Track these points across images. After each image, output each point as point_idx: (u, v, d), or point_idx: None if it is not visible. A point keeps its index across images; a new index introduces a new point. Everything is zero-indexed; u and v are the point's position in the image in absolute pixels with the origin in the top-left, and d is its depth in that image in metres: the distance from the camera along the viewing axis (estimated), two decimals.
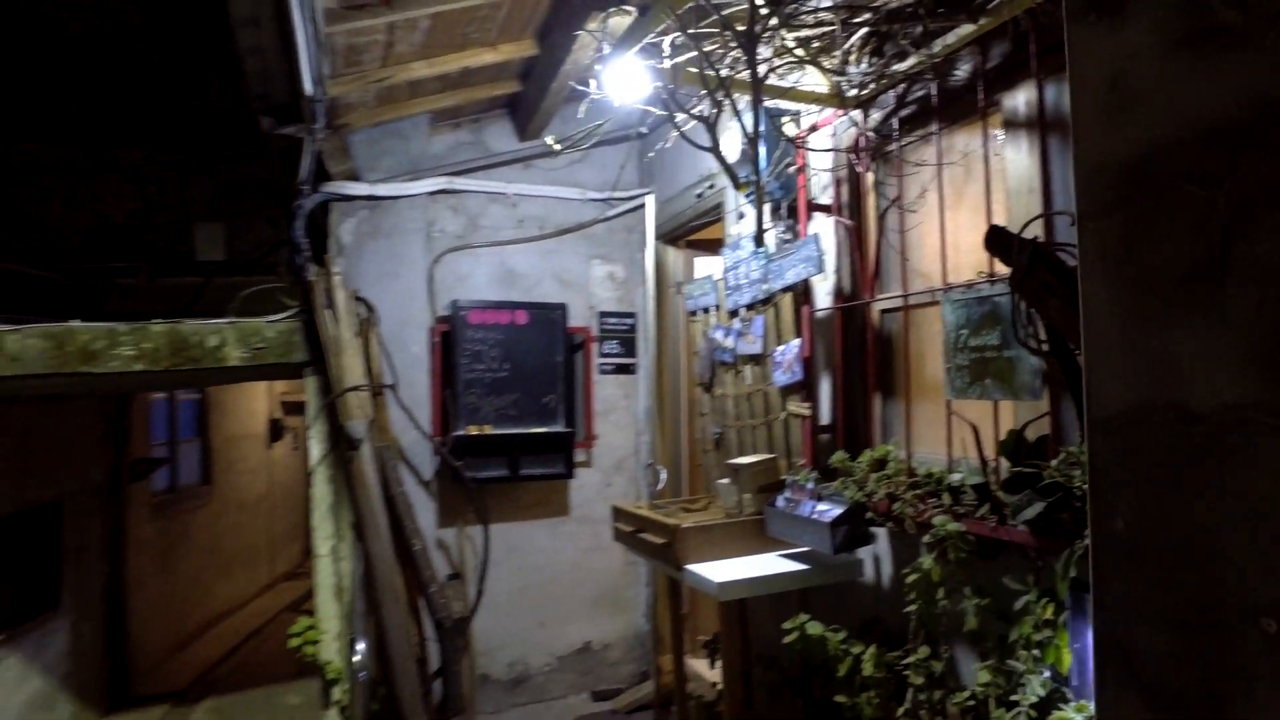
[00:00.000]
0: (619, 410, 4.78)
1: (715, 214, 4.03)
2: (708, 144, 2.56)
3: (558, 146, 3.14)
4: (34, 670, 5.34)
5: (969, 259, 2.43)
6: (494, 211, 4.53)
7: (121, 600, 6.67)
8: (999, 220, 2.27)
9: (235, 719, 6.32)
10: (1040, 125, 2.19)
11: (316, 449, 4.12)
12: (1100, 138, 0.96)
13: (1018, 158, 2.33)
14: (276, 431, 10.51)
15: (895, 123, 2.70)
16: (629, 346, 4.79)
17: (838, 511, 2.55)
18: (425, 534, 4.14)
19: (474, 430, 4.27)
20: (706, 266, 4.66)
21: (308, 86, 3.20)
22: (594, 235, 4.73)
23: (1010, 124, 2.36)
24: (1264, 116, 0.76)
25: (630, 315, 4.80)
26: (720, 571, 2.71)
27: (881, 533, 2.75)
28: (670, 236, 4.64)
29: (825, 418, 3.02)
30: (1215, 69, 0.82)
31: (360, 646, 2.23)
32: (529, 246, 4.60)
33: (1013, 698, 2.10)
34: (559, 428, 4.42)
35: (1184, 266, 0.83)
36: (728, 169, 2.58)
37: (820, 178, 3.07)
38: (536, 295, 4.59)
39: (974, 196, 2.50)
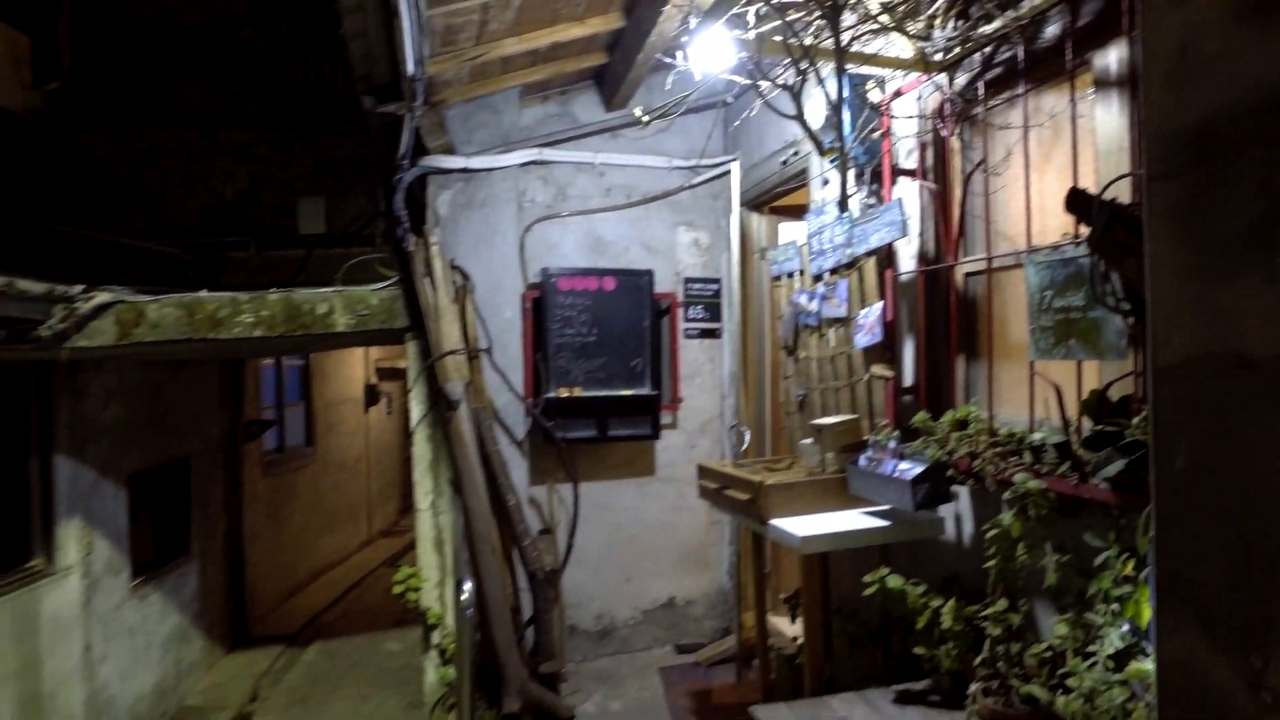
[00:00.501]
0: (703, 374, 4.93)
1: (800, 180, 4.10)
2: (792, 112, 2.65)
3: (646, 118, 3.27)
4: (173, 607, 5.93)
5: (1054, 221, 2.46)
6: (582, 181, 4.71)
7: (240, 550, 7.28)
8: (1087, 181, 2.30)
9: (341, 661, 6.85)
10: (1131, 83, 2.20)
11: (417, 410, 4.44)
12: (1169, 104, 1.04)
13: (1108, 117, 2.34)
14: (372, 396, 11.10)
15: (980, 86, 2.73)
16: (714, 312, 4.93)
17: (919, 469, 2.64)
18: (518, 491, 4.41)
19: (564, 392, 4.50)
20: (790, 232, 4.73)
21: (410, 66, 3.43)
22: (679, 202, 4.86)
23: (1101, 83, 2.37)
24: None
25: (715, 281, 4.92)
26: (803, 526, 2.85)
27: (962, 491, 2.83)
28: (754, 203, 4.73)
29: (908, 379, 3.10)
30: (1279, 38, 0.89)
31: (467, 585, 2.48)
32: (616, 214, 4.77)
33: (1090, 649, 2.18)
34: (645, 390, 4.61)
35: (1246, 226, 0.92)
36: (812, 136, 2.67)
37: (904, 142, 3.11)
38: (623, 262, 4.76)
39: (1060, 158, 2.52)
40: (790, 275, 3.83)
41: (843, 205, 2.72)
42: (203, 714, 5.86)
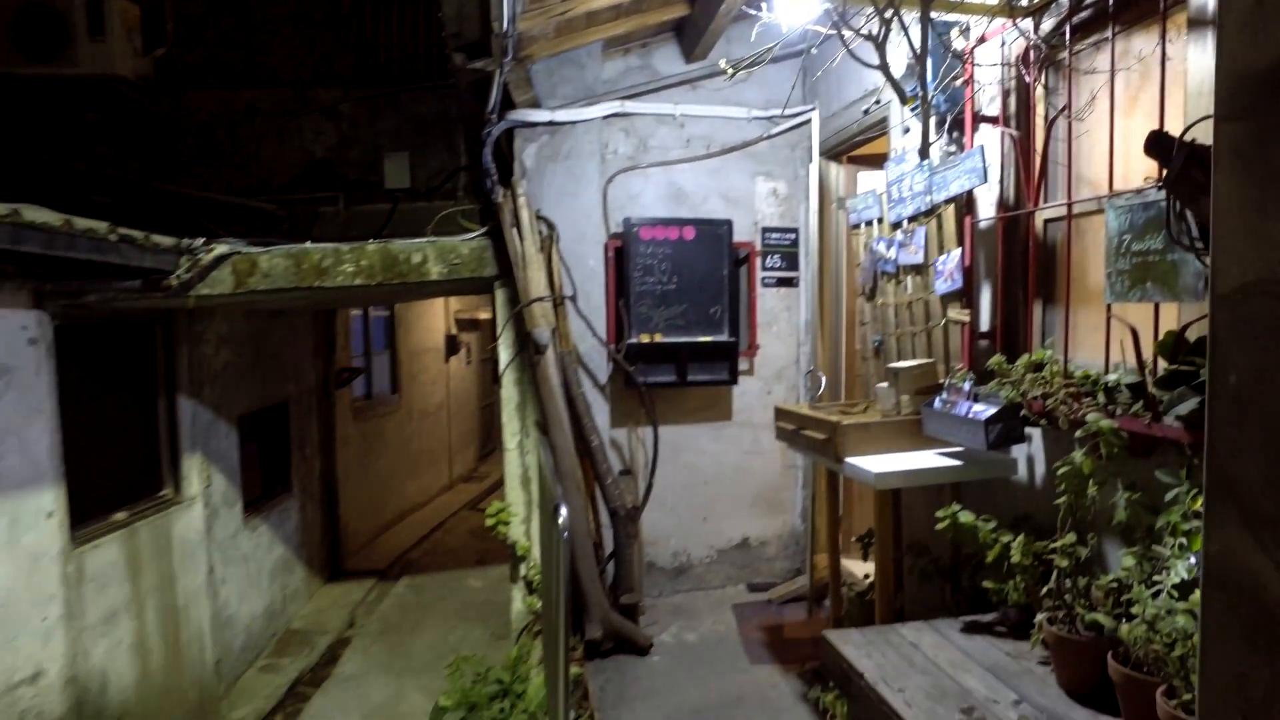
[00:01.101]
0: (780, 322, 5.07)
1: (880, 129, 4.16)
2: (875, 61, 2.74)
3: (730, 70, 3.39)
4: (278, 539, 6.47)
5: (1136, 166, 2.51)
6: (662, 133, 4.85)
7: (334, 490, 7.82)
8: (1176, 124, 2.35)
9: (428, 595, 7.36)
10: None
11: (505, 354, 4.72)
12: (1242, 48, 1.15)
13: (1201, 58, 2.37)
14: (452, 347, 11.56)
15: (1067, 30, 2.76)
16: (790, 261, 5.04)
17: (993, 410, 2.77)
18: (601, 432, 4.67)
19: (645, 338, 4.71)
20: (868, 181, 4.79)
21: (503, 23, 3.62)
22: (758, 153, 4.96)
23: (1195, 23, 2.39)
24: None
25: (793, 230, 5.03)
26: (877, 464, 3.01)
27: (1035, 433, 2.94)
28: (833, 152, 4.79)
29: (985, 324, 3.20)
30: None
31: (563, 510, 2.73)
32: (695, 165, 4.90)
33: (1155, 580, 2.30)
34: (723, 337, 4.79)
35: None
36: (895, 85, 2.77)
37: (987, 90, 3.16)
38: (703, 212, 4.91)
39: (1147, 102, 2.56)
40: (869, 223, 3.92)
41: (923, 153, 2.81)
42: (306, 636, 6.42)
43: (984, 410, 2.80)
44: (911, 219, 3.45)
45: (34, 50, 6.36)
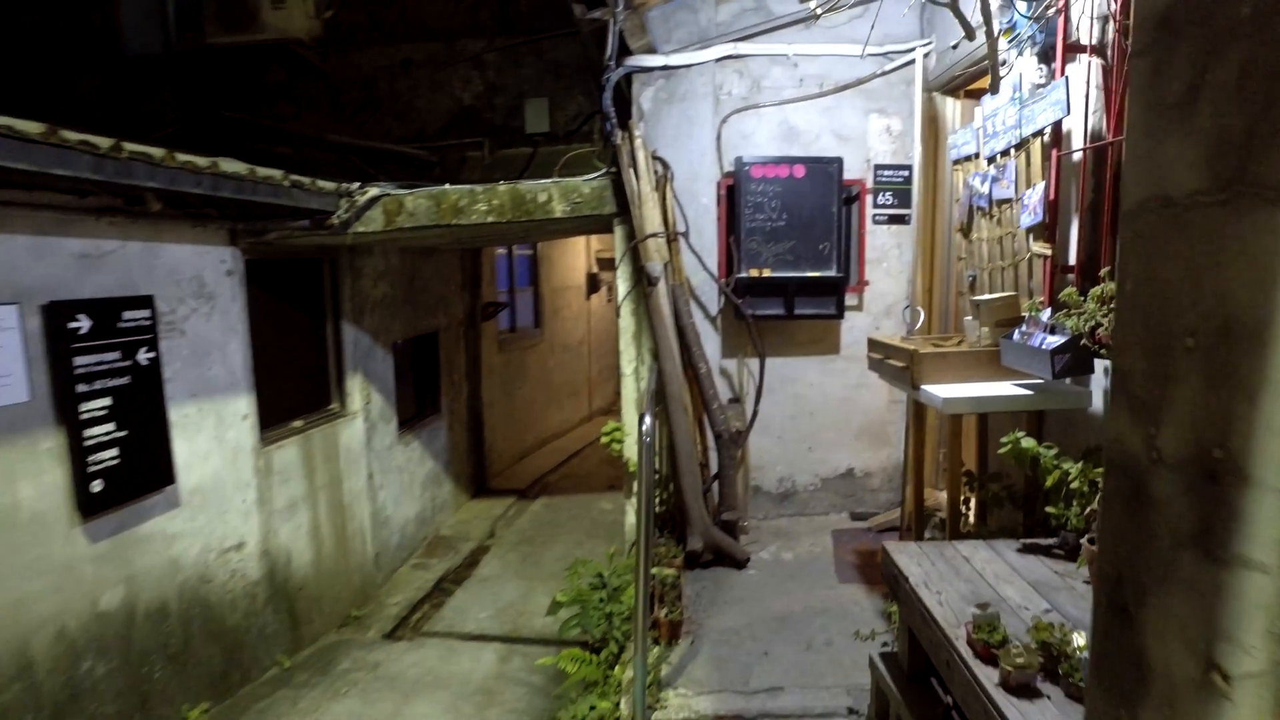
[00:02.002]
0: (891, 259, 5.17)
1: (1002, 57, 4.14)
2: None
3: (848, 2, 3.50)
4: (428, 455, 7.32)
5: None
6: (775, 72, 5.01)
7: (479, 414, 8.64)
8: None
9: (562, 514, 8.06)
10: None
11: (623, 286, 5.14)
12: None
13: None
14: (593, 284, 12.17)
15: None
16: (903, 198, 5.10)
17: (1061, 341, 2.88)
18: (710, 361, 5.01)
19: (754, 273, 4.98)
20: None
21: None
22: (872, 90, 5.02)
23: None
24: None
25: (905, 167, 5.08)
26: (950, 392, 3.19)
27: (1106, 365, 3.01)
28: (948, 87, 4.78)
29: (1071, 259, 3.25)
30: None
31: (647, 419, 3.12)
32: (808, 104, 5.04)
33: None
34: (831, 273, 4.97)
35: (1177, 93, 1.23)
36: (961, 19, 2.86)
37: (1083, 20, 3.15)
38: (814, 150, 5.05)
39: None
40: (968, 158, 3.96)
41: (994, 87, 2.87)
42: (452, 542, 7.28)
43: (1054, 341, 2.91)
44: (1004, 153, 3.50)
45: (229, 22, 7.29)
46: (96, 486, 3.71)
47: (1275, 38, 0.99)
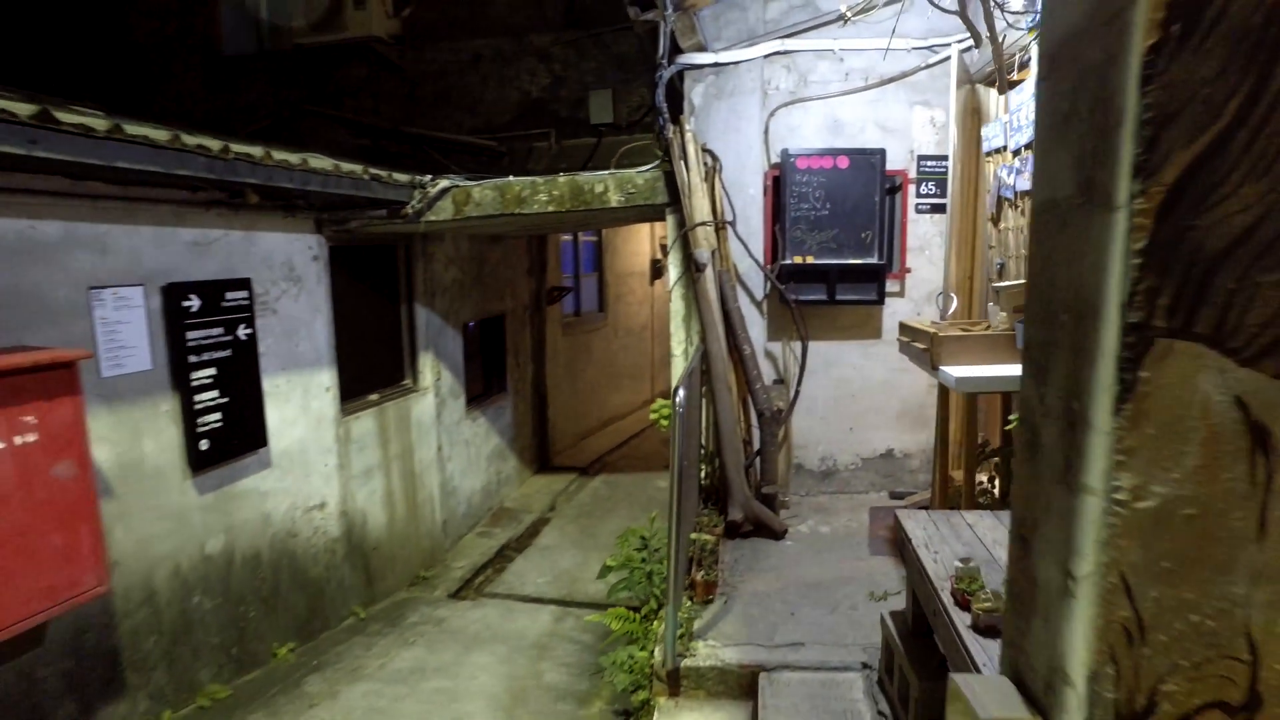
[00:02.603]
0: (933, 247, 5.39)
1: (1026, 54, 4.33)
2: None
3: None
4: (494, 431, 7.83)
5: None
6: (822, 67, 5.28)
7: (543, 394, 9.13)
8: None
9: (619, 490, 8.49)
10: None
11: (674, 272, 5.50)
12: (1048, 27, 1.61)
13: None
14: (656, 270, 12.54)
15: None
16: (944, 188, 5.31)
17: None
18: (756, 344, 5.33)
19: (798, 260, 5.27)
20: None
21: None
22: (916, 82, 5.23)
23: None
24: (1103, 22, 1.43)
25: (947, 158, 5.28)
26: (965, 372, 3.46)
27: None
28: (991, 79, 4.96)
29: None
30: None
31: (681, 392, 3.48)
32: (853, 96, 5.28)
33: None
34: (873, 260, 5.22)
35: (1062, 115, 1.52)
36: (968, 24, 3.10)
37: None
38: (859, 141, 5.30)
39: None
40: (997, 151, 4.17)
41: (1001, 87, 3.09)
42: (514, 514, 7.80)
43: None
44: (1027, 146, 3.71)
45: (315, 23, 7.91)
46: (204, 445, 4.30)
47: (1114, 79, 1.29)
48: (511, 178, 5.52)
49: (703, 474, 5.36)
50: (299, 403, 5.07)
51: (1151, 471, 1.32)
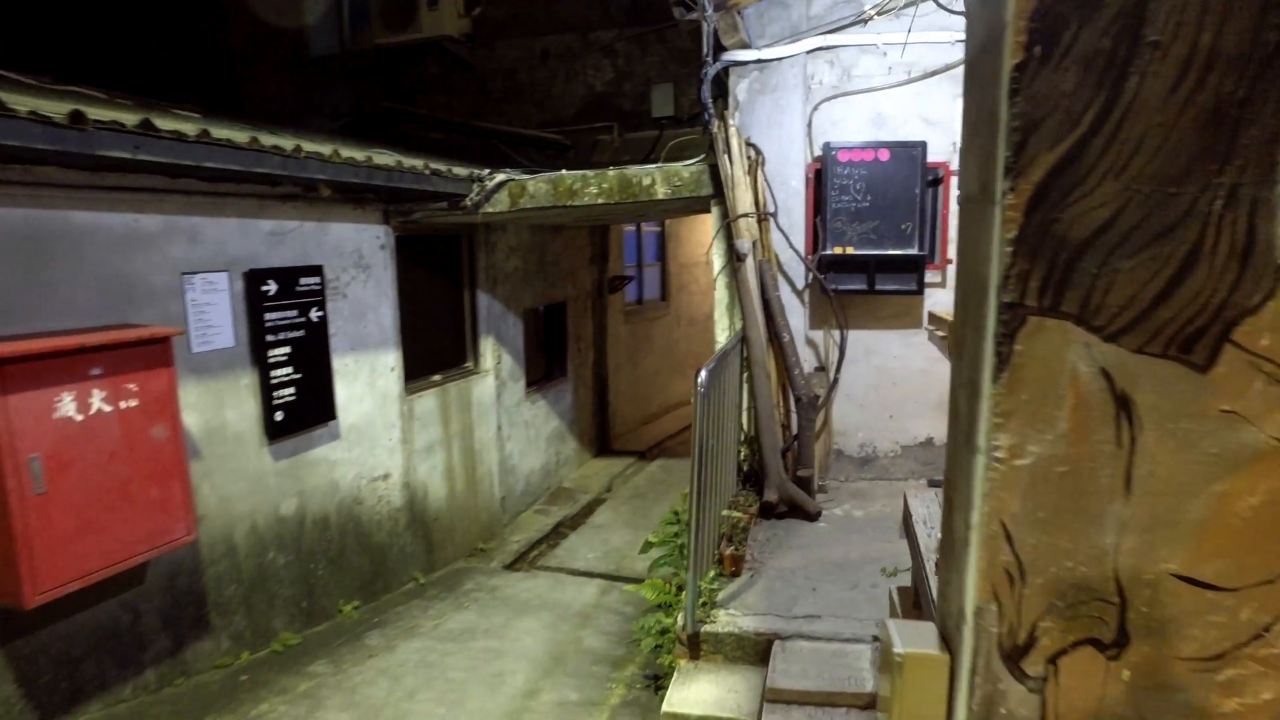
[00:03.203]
0: None
1: None
2: None
3: None
4: (554, 414, 8.22)
5: None
6: (865, 61, 5.41)
7: (604, 380, 9.48)
8: None
9: (676, 474, 8.76)
10: None
11: (718, 262, 5.73)
12: (965, 45, 1.81)
13: None
14: None
15: None
16: None
17: None
18: (797, 332, 5.52)
19: (838, 250, 5.44)
20: None
21: None
22: (959, 75, 5.31)
23: None
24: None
25: None
26: None
27: None
28: None
29: None
30: None
31: (703, 373, 3.74)
32: (897, 90, 5.40)
33: None
34: (913, 251, 5.34)
35: (973, 121, 1.73)
36: None
37: None
38: (902, 134, 5.41)
39: None
40: None
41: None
42: (571, 494, 8.17)
43: None
44: None
45: (392, 23, 8.40)
46: (279, 416, 4.78)
47: (995, 93, 1.50)
48: (564, 171, 5.85)
49: (742, 456, 5.59)
50: (366, 380, 5.53)
51: (1027, 433, 1.53)
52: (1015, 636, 1.59)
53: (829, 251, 5.44)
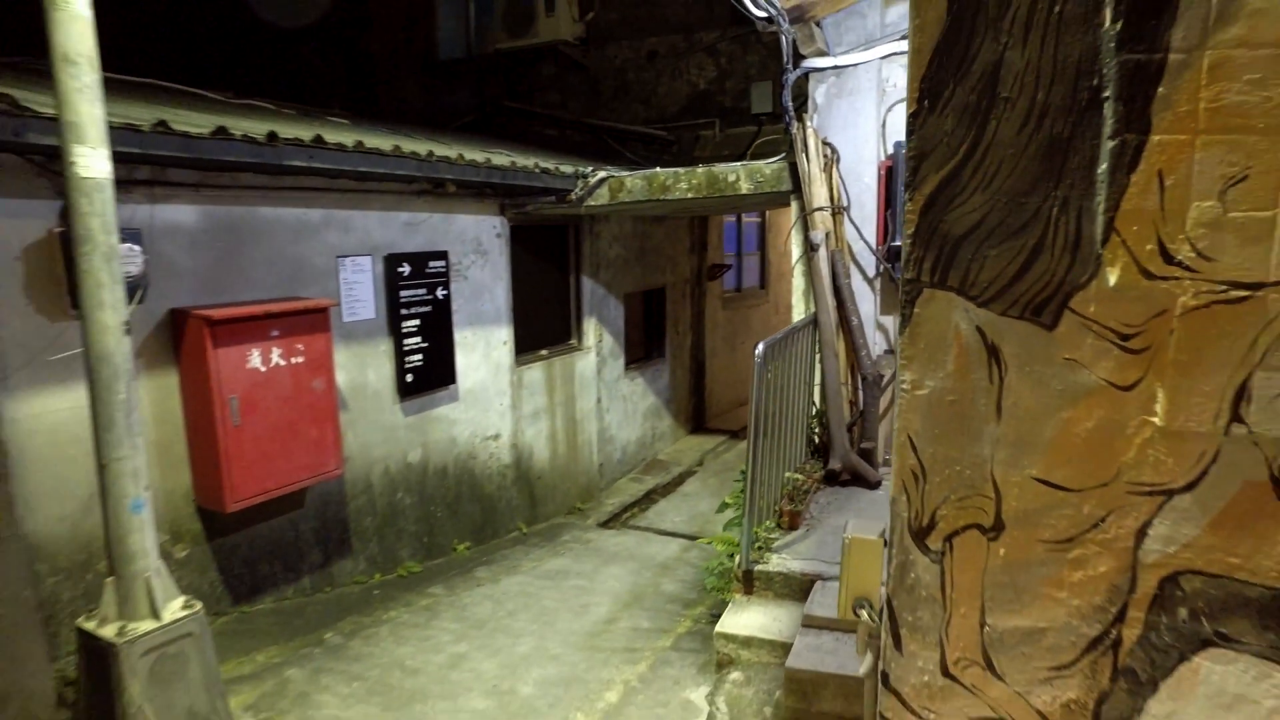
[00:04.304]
0: None
1: None
2: None
3: None
4: (651, 391, 9.03)
5: None
6: None
7: (701, 362, 10.21)
8: None
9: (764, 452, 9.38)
10: None
11: (795, 252, 6.37)
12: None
13: None
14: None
15: None
16: None
17: None
18: (867, 318, 6.09)
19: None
20: None
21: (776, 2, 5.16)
22: None
23: None
24: None
25: None
26: None
27: None
28: None
29: None
30: None
31: (760, 347, 4.43)
32: None
33: None
34: None
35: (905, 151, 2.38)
36: None
37: None
38: None
39: None
40: None
41: None
42: (665, 465, 8.96)
43: None
44: None
45: (513, 29, 9.39)
46: (409, 378, 5.77)
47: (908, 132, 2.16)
48: (658, 169, 6.61)
49: (815, 430, 6.22)
50: (482, 351, 6.49)
51: (924, 372, 2.18)
52: (920, 520, 2.24)
53: (898, 243, 5.97)
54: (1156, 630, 2.11)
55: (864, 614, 2.44)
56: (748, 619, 4.38)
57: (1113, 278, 1.97)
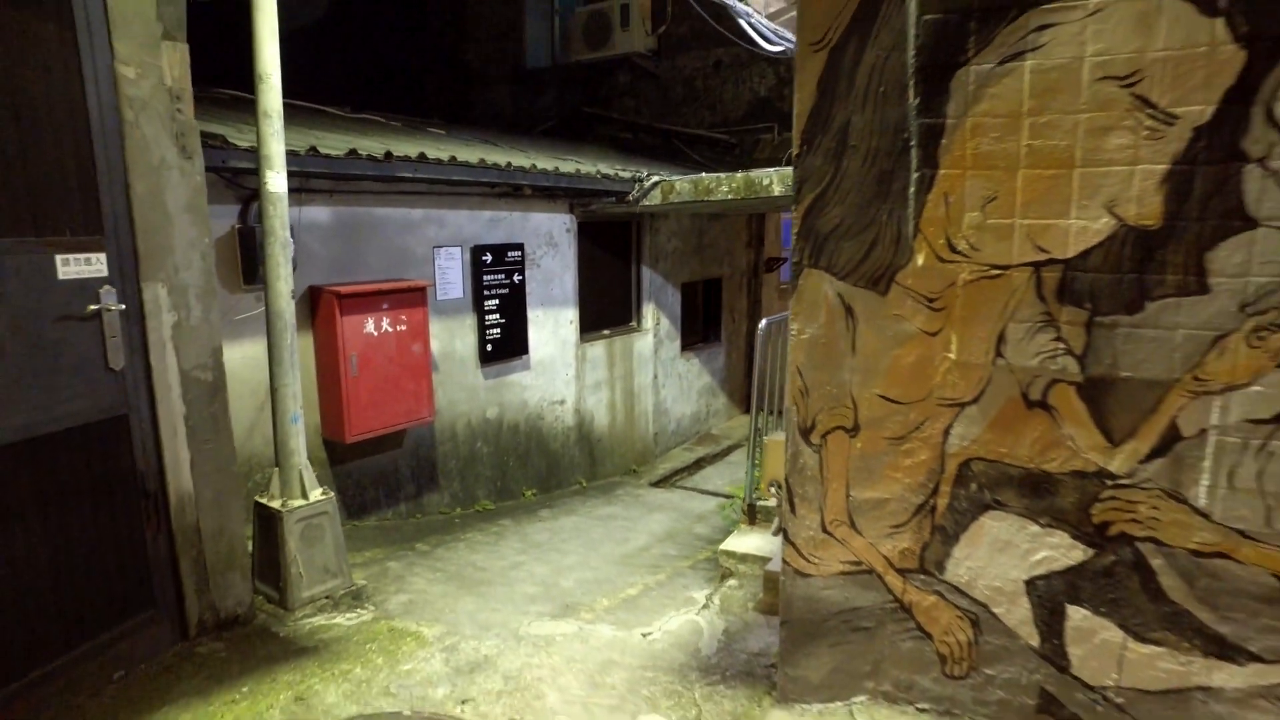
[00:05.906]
0: None
1: None
2: None
3: None
4: (706, 372, 10.29)
5: None
6: None
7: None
8: None
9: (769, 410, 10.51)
10: None
11: None
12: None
13: None
14: None
15: None
16: None
17: None
18: None
19: None
20: None
21: None
22: None
23: None
24: None
25: None
26: None
27: None
28: None
29: None
30: None
31: (763, 322, 5.63)
32: None
33: None
34: None
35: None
36: None
37: None
38: None
39: None
40: None
41: None
42: (716, 439, 10.20)
43: None
44: None
45: (591, 41, 10.80)
46: (489, 348, 7.22)
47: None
48: (703, 174, 7.87)
49: None
50: (551, 329, 7.89)
51: (804, 322, 3.40)
52: (806, 423, 3.47)
53: None
54: (957, 499, 3.31)
55: (774, 490, 3.66)
56: (747, 541, 5.62)
57: (920, 261, 3.19)
